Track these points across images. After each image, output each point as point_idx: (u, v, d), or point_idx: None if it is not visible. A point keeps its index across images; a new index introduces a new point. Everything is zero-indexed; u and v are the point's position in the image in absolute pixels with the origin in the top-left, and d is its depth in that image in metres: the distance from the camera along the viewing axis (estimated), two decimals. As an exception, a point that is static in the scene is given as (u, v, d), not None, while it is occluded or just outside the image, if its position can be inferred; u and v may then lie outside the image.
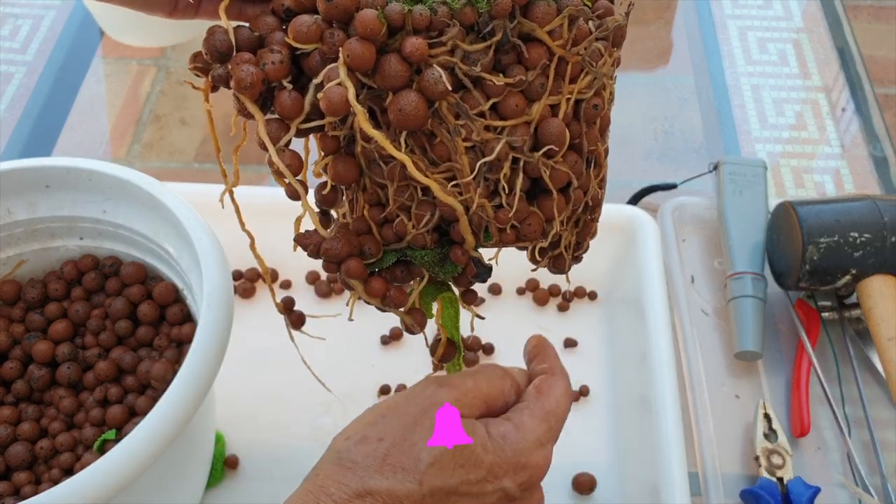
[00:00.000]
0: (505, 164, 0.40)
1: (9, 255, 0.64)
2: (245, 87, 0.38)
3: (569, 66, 0.40)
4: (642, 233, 0.75)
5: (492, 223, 0.41)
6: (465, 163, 0.40)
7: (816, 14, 1.12)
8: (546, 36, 0.39)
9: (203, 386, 0.51)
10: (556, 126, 0.40)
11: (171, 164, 0.95)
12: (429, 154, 0.40)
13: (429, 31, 0.38)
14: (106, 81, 1.03)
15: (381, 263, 0.43)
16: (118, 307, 0.63)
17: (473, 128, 0.39)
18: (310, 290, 0.80)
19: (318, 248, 0.42)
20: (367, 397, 0.72)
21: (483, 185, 0.41)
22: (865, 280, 0.74)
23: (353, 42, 0.37)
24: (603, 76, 0.42)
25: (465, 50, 0.38)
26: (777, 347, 0.78)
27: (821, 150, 0.97)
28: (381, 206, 0.43)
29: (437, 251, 0.43)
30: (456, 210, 0.40)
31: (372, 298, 0.44)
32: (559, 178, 0.41)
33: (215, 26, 0.39)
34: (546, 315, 0.79)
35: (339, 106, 0.37)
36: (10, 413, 0.59)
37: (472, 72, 0.38)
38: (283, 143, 0.39)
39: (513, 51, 0.39)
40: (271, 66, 0.38)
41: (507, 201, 0.41)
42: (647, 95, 1.03)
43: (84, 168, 0.62)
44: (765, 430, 0.70)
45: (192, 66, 0.40)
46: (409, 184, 0.41)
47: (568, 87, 0.41)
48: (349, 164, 0.41)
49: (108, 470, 0.47)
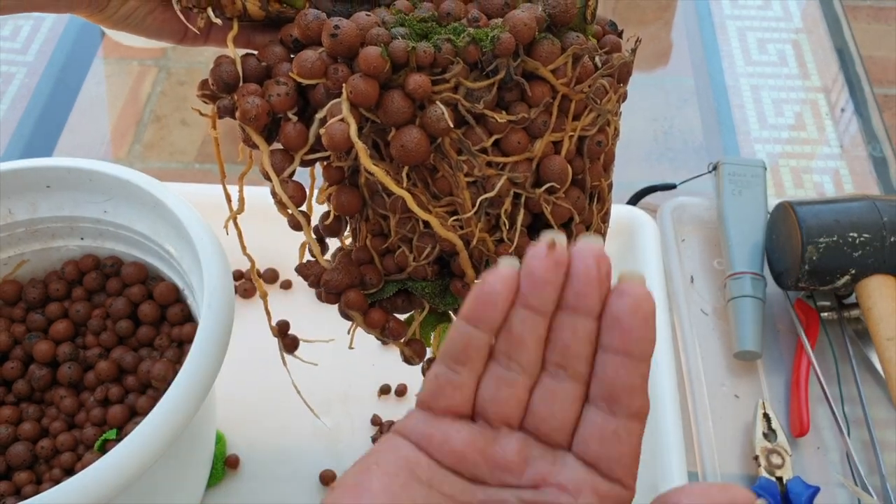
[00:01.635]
0: (506, 199, 0.40)
1: (10, 256, 0.64)
2: (250, 119, 0.38)
3: (572, 103, 0.40)
4: (642, 233, 0.75)
5: (492, 257, 0.41)
6: (467, 197, 0.40)
7: (816, 14, 1.13)
8: (549, 74, 0.39)
9: (204, 386, 0.51)
10: (558, 163, 0.40)
11: (172, 165, 0.95)
12: (431, 188, 0.40)
13: (432, 68, 0.38)
14: (107, 82, 1.03)
15: (382, 293, 0.44)
16: (119, 307, 0.63)
17: (475, 163, 0.39)
18: (310, 292, 0.79)
19: (318, 279, 0.42)
20: (367, 397, 0.72)
21: (484, 219, 0.41)
22: (865, 280, 0.74)
23: (357, 79, 0.37)
24: (607, 113, 0.42)
25: (468, 87, 0.38)
26: (776, 347, 0.78)
27: (820, 151, 0.97)
28: (384, 237, 0.43)
29: (438, 283, 0.43)
30: (456, 245, 0.41)
31: (372, 329, 0.44)
32: (561, 214, 0.41)
33: (222, 56, 0.40)
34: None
35: (341, 142, 0.37)
36: (11, 413, 0.60)
37: (475, 109, 0.39)
38: (286, 174, 0.39)
39: (516, 88, 0.39)
40: (277, 98, 0.38)
41: (507, 236, 0.41)
42: (647, 96, 1.03)
43: (85, 168, 0.62)
44: (764, 429, 0.71)
45: (200, 94, 0.41)
46: (410, 216, 0.41)
47: (571, 124, 0.41)
48: (352, 195, 0.42)
49: (108, 470, 0.47)
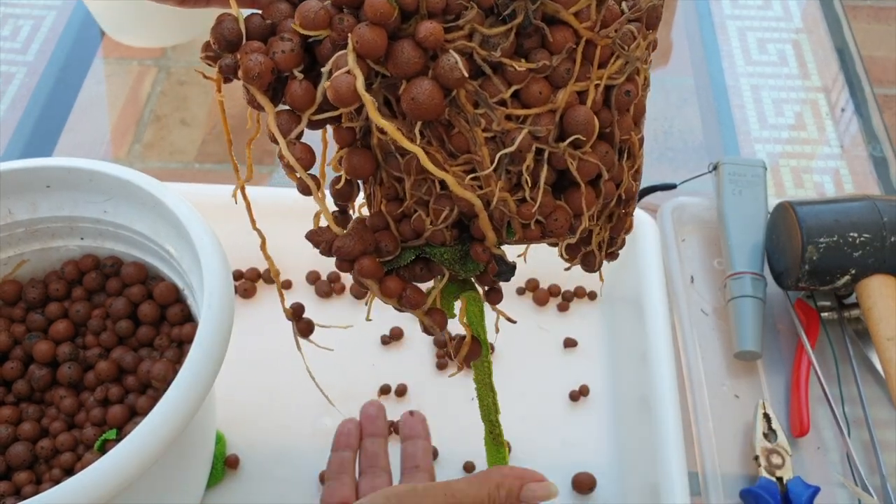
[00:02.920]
0: (528, 155, 0.37)
1: (9, 256, 0.64)
2: (253, 77, 0.36)
3: (597, 49, 0.37)
4: (642, 233, 0.75)
5: (515, 218, 0.39)
6: (486, 154, 0.37)
7: (816, 14, 1.12)
8: (572, 18, 0.36)
9: (204, 386, 0.51)
10: (583, 114, 0.37)
11: (172, 165, 0.95)
12: (447, 146, 0.38)
13: (445, 15, 0.36)
14: (107, 82, 1.03)
15: (399, 261, 0.41)
16: (119, 307, 0.63)
17: (494, 117, 0.37)
18: (310, 290, 0.80)
19: (330, 246, 0.40)
20: (367, 397, 0.72)
21: (505, 177, 0.38)
22: (865, 280, 0.74)
23: (363, 27, 0.35)
24: (636, 60, 0.39)
25: (483, 34, 0.36)
26: (776, 347, 0.78)
27: (820, 151, 0.97)
28: (399, 201, 0.41)
29: (458, 248, 0.41)
30: (474, 205, 0.38)
31: (388, 298, 0.41)
32: (587, 169, 0.39)
33: (224, 14, 0.37)
34: (546, 315, 0.79)
35: (347, 95, 0.35)
36: (10, 413, 0.60)
37: (492, 57, 0.36)
38: (294, 135, 0.37)
39: (536, 34, 0.37)
40: (281, 54, 0.36)
41: (530, 195, 0.38)
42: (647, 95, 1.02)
43: (85, 168, 0.62)
44: (764, 429, 0.71)
45: (203, 56, 0.38)
46: (426, 177, 0.39)
47: (597, 72, 0.38)
48: (364, 156, 0.39)
49: (108, 470, 0.47)
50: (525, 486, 0.48)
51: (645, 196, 0.90)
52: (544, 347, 0.77)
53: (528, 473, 0.49)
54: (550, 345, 0.77)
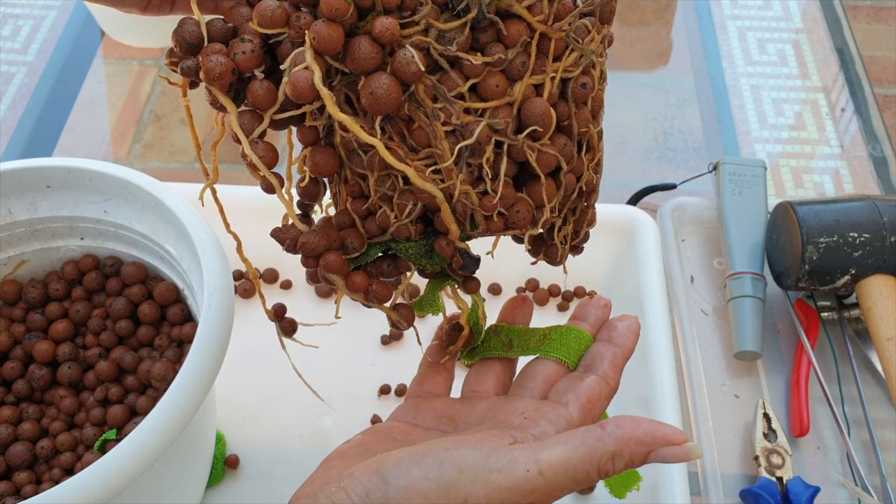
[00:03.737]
0: (487, 147, 0.38)
1: (10, 256, 0.64)
2: (214, 78, 0.36)
3: (552, 43, 0.38)
4: (642, 233, 0.75)
5: (477, 211, 0.39)
6: (446, 147, 0.38)
7: (816, 14, 1.13)
8: (525, 11, 0.37)
9: (204, 386, 0.51)
10: (539, 106, 0.38)
11: (172, 165, 0.95)
12: (408, 140, 0.38)
13: (400, 11, 0.37)
14: (107, 82, 1.03)
15: (365, 258, 0.42)
16: (119, 307, 0.63)
17: (452, 111, 0.37)
18: (310, 291, 0.80)
19: (294, 243, 0.40)
20: (367, 397, 0.72)
21: (466, 171, 0.39)
22: (865, 280, 0.74)
23: (320, 24, 0.35)
24: (591, 53, 0.39)
25: (439, 29, 0.36)
26: (776, 347, 0.78)
27: (820, 151, 0.97)
28: (364, 198, 0.41)
29: (423, 243, 0.41)
30: (436, 197, 0.38)
31: (354, 294, 0.41)
32: (547, 161, 0.39)
33: (186, 18, 0.38)
34: (546, 315, 0.79)
35: (305, 90, 0.35)
36: (10, 413, 0.60)
37: (448, 52, 0.37)
38: (256, 134, 0.37)
39: (491, 28, 0.37)
40: (242, 55, 0.37)
41: (491, 187, 0.39)
42: (647, 95, 1.03)
43: (85, 168, 0.62)
44: (764, 429, 0.71)
45: (168, 62, 0.39)
46: (389, 173, 0.39)
47: (552, 65, 0.39)
48: (328, 154, 0.40)
49: (108, 470, 0.47)
50: (654, 453, 0.35)
51: (645, 196, 0.90)
52: (544, 347, 0.76)
53: (657, 432, 0.36)
54: (550, 345, 0.77)
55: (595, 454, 0.35)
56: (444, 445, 0.35)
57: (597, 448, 0.35)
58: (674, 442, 0.35)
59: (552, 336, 0.44)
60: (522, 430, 0.37)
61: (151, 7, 0.44)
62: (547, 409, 0.39)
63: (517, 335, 0.46)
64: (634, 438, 0.35)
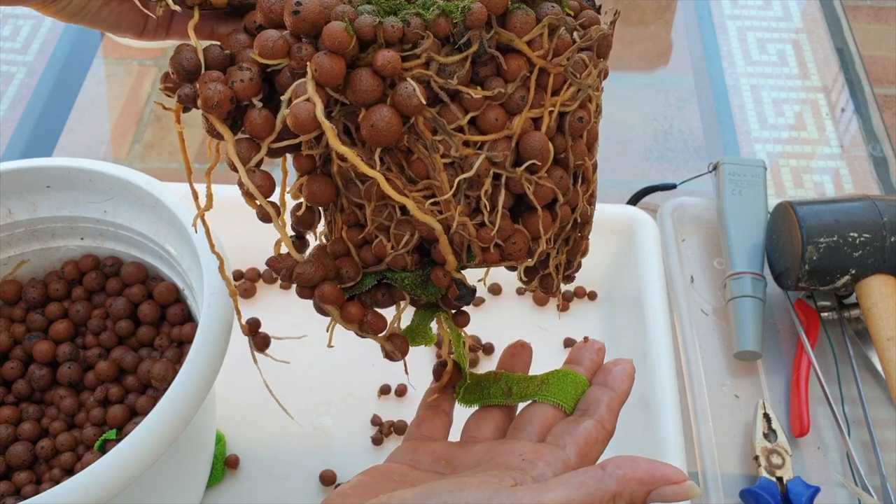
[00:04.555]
0: (486, 180, 0.38)
1: (10, 256, 0.64)
2: (212, 106, 0.36)
3: (550, 77, 0.39)
4: (642, 233, 0.75)
5: (474, 242, 0.40)
6: (445, 180, 0.38)
7: (816, 14, 1.13)
8: (525, 46, 0.38)
9: (204, 386, 0.51)
10: (538, 140, 0.39)
11: (172, 165, 0.95)
12: (406, 172, 0.39)
13: (402, 44, 0.37)
14: (107, 82, 1.03)
15: (360, 287, 0.42)
16: (119, 307, 0.63)
17: (452, 143, 0.38)
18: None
19: (290, 273, 0.40)
20: (367, 397, 0.72)
21: (464, 202, 0.39)
22: (865, 280, 0.74)
23: (321, 56, 0.35)
24: (588, 88, 0.40)
25: (440, 62, 0.37)
26: (776, 347, 0.78)
27: (820, 151, 0.97)
28: (360, 227, 0.41)
29: (419, 273, 0.42)
30: (434, 229, 0.39)
31: (349, 324, 0.42)
32: (544, 194, 0.40)
33: (183, 45, 0.38)
34: (546, 315, 0.79)
35: (307, 122, 0.35)
36: (10, 413, 0.60)
37: (449, 85, 0.37)
38: (253, 163, 0.37)
39: (491, 62, 0.38)
40: (240, 83, 0.37)
41: (489, 219, 0.39)
42: (647, 95, 1.03)
43: (85, 168, 0.62)
44: (764, 429, 0.71)
45: (163, 87, 0.39)
46: (386, 203, 0.40)
47: (550, 99, 0.39)
48: (324, 183, 0.40)
49: (108, 470, 0.47)
50: (655, 492, 0.36)
51: (645, 196, 0.90)
52: (544, 347, 0.76)
53: (657, 471, 0.37)
54: (550, 345, 0.77)
55: (596, 495, 0.35)
56: (448, 487, 0.36)
57: (598, 489, 0.35)
58: (673, 481, 0.36)
59: (550, 381, 0.45)
60: (521, 472, 0.38)
61: (147, 33, 0.44)
62: (545, 451, 0.40)
63: (516, 382, 0.46)
64: (635, 478, 0.36)
